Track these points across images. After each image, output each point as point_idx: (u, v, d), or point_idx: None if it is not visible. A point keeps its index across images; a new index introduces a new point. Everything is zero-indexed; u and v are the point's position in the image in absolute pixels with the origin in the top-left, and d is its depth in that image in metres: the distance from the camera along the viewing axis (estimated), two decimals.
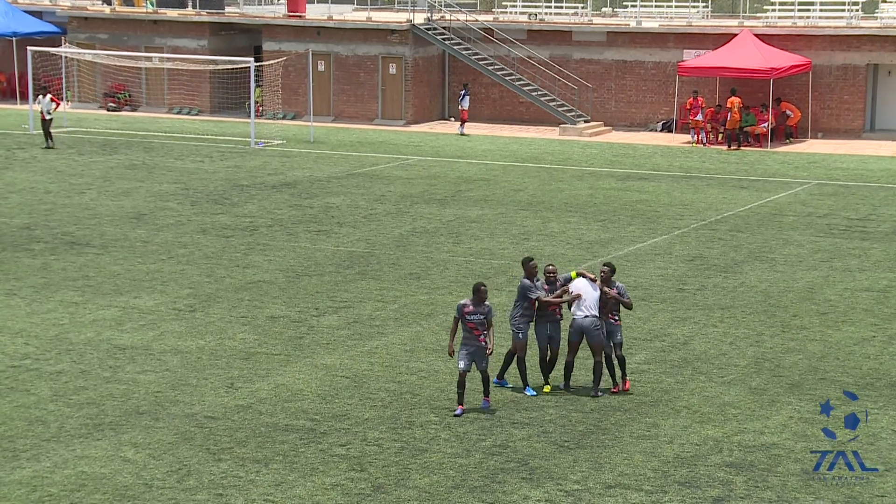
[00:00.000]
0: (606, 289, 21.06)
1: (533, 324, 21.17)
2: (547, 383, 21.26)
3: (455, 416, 19.92)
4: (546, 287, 21.10)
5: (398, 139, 51.89)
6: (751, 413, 20.30)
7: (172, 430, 19.29)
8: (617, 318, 21.24)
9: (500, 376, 21.53)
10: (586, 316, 20.90)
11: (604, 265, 21.55)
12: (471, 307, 20.10)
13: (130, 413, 20.03)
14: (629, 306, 21.40)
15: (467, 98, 53.69)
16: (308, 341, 23.97)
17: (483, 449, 18.67)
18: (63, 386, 21.26)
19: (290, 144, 49.98)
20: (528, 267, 21.08)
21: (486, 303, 20.20)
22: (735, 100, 50.02)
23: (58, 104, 48.75)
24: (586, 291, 20.99)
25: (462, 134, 52.83)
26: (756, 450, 18.73)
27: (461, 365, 20.05)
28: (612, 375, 21.22)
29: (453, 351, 20.34)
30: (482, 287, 20.20)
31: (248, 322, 25.21)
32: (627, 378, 21.33)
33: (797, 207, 37.76)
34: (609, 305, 21.13)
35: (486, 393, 20.41)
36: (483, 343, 20.04)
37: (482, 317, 20.06)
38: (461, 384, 20.05)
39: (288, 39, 57.50)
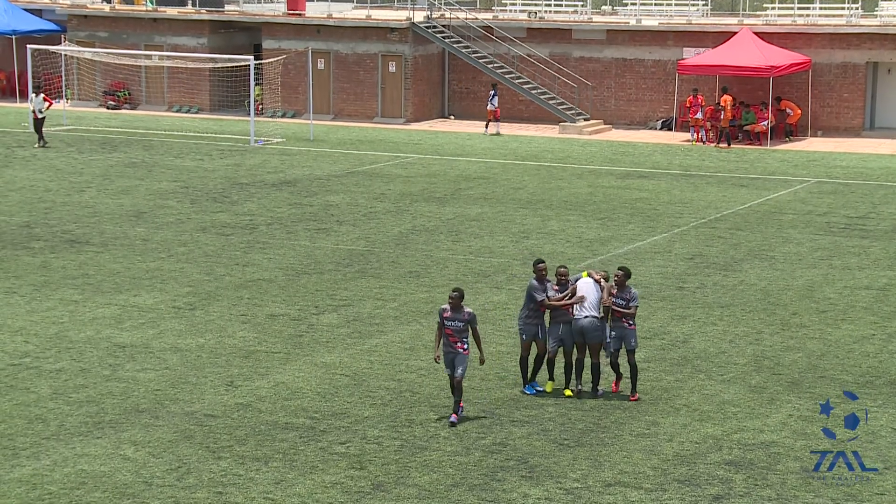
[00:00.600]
0: (605, 295, 20.85)
1: (547, 325, 21.03)
2: (551, 379, 21.20)
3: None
4: (556, 288, 20.97)
5: (398, 137, 51.88)
6: (750, 411, 20.30)
7: (172, 428, 19.29)
8: (631, 322, 20.88)
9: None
10: (586, 316, 20.79)
11: (619, 269, 21.08)
12: (449, 312, 19.57)
13: (130, 411, 20.03)
14: (631, 317, 20.87)
15: (497, 98, 53.21)
16: (308, 339, 23.97)
17: (482, 447, 18.67)
18: (63, 384, 21.26)
19: (290, 142, 49.97)
20: (538, 269, 21.00)
21: (467, 309, 19.63)
22: (727, 98, 50.06)
23: (50, 103, 48.69)
24: (589, 292, 20.91)
25: (496, 133, 52.46)
26: (755, 448, 18.74)
27: (448, 371, 19.86)
28: (616, 374, 21.15)
29: (439, 357, 19.89)
30: (453, 293, 19.61)
31: (247, 320, 25.21)
32: (637, 393, 20.83)
33: (797, 206, 37.75)
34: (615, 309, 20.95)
35: (455, 408, 19.61)
36: (460, 349, 19.50)
37: (461, 323, 19.49)
38: (453, 387, 19.97)
39: (288, 37, 57.50)
